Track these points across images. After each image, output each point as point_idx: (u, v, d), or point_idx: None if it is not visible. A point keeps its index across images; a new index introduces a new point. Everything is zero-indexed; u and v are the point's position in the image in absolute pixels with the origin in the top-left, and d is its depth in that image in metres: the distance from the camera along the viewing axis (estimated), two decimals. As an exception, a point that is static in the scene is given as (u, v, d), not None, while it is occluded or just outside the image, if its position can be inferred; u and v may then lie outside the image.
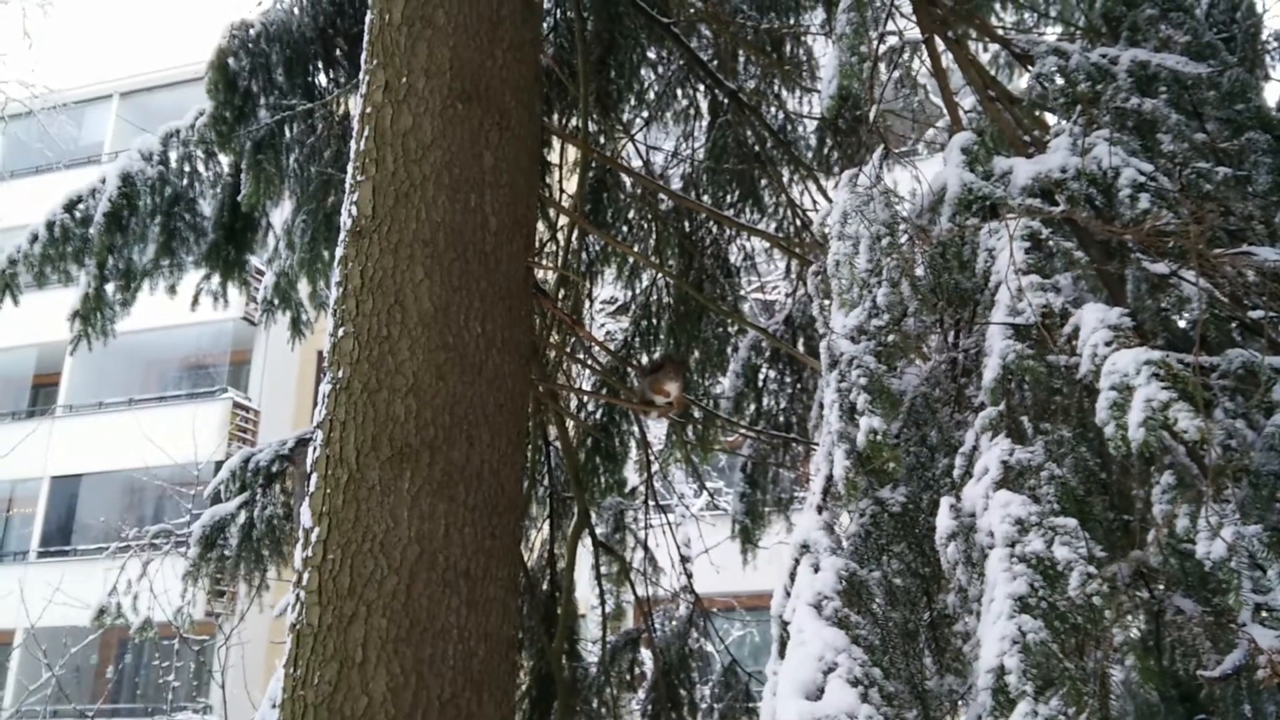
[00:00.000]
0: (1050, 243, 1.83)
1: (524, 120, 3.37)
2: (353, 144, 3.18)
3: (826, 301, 2.06)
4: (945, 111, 2.59)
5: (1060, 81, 2.53)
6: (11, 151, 21.96)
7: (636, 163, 5.82)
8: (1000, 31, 3.19)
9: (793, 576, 1.78)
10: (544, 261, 4.84)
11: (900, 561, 1.83)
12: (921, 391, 1.95)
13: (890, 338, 1.86)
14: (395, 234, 2.94)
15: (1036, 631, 1.42)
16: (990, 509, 1.57)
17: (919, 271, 1.91)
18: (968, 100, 2.98)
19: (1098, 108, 2.43)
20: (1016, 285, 1.74)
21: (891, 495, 1.89)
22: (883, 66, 2.51)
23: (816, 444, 4.92)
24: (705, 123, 5.82)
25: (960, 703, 1.76)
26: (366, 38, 3.31)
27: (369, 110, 3.14)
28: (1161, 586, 1.71)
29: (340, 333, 2.89)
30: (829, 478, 1.87)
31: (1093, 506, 1.64)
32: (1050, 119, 2.84)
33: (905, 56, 3.06)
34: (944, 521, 1.65)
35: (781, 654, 1.69)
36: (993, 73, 3.26)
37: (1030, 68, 2.73)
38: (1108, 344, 1.58)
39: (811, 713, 1.47)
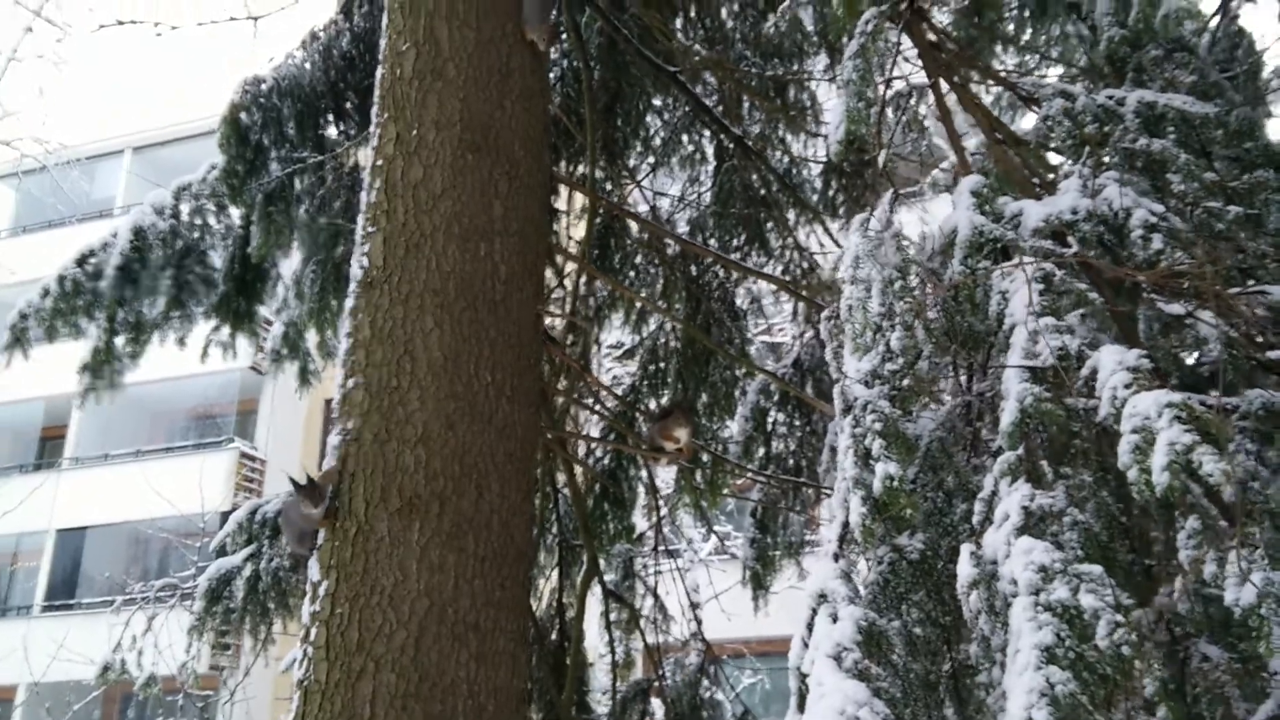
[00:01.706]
0: (1063, 284, 1.82)
1: (533, 169, 3.40)
2: (363, 196, 3.21)
3: (839, 346, 2.05)
4: (953, 154, 2.61)
5: (1067, 124, 2.54)
6: (25, 206, 22.24)
7: (643, 208, 5.86)
8: (1003, 75, 3.22)
9: (810, 627, 1.74)
10: (551, 309, 4.85)
11: (920, 610, 1.79)
12: (937, 436, 1.93)
13: (905, 381, 1.85)
14: (405, 284, 2.95)
15: (1065, 683, 1.38)
16: (1012, 556, 1.54)
17: (931, 315, 1.90)
18: (973, 143, 3.00)
19: (1106, 149, 2.43)
20: (1032, 327, 1.72)
21: (909, 542, 1.86)
22: (889, 111, 2.54)
23: (827, 488, 4.88)
24: (711, 168, 5.88)
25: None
26: (378, 92, 3.35)
27: (380, 162, 3.18)
28: (1187, 632, 1.67)
29: (350, 383, 2.89)
30: (845, 525, 1.84)
31: (1116, 552, 1.60)
32: (1056, 160, 2.85)
33: (911, 100, 3.08)
34: (965, 569, 1.62)
35: (800, 707, 1.64)
36: (995, 115, 3.28)
37: (1036, 109, 2.75)
38: (1127, 386, 1.56)
39: (835, 770, 1.43)
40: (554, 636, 4.63)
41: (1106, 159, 2.43)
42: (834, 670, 1.59)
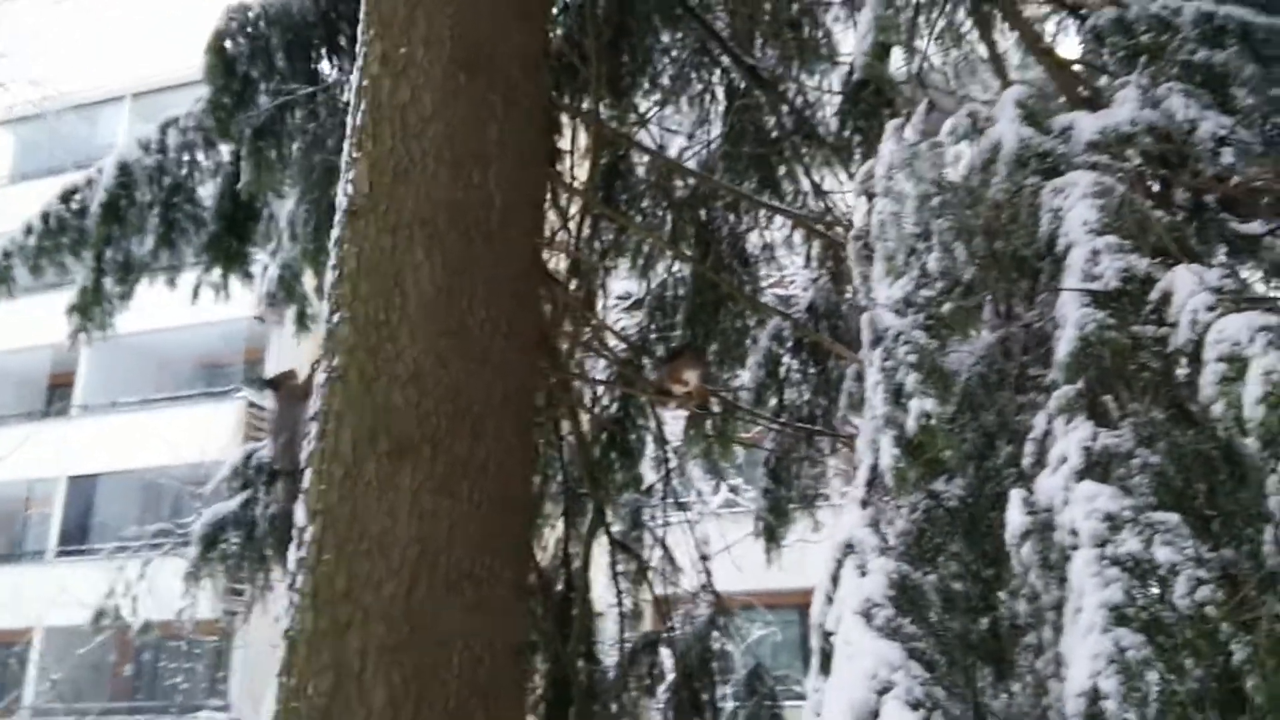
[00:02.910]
0: (1125, 200, 1.62)
1: (531, 93, 3.18)
2: (349, 119, 3.00)
3: (867, 270, 1.85)
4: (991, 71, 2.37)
5: (1118, 35, 2.31)
6: (24, 153, 21.96)
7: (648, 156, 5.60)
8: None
9: (835, 580, 1.57)
10: (555, 249, 4.64)
11: (958, 563, 1.61)
12: (977, 371, 1.73)
13: (946, 308, 1.65)
14: (393, 213, 2.75)
15: (1138, 647, 1.20)
16: (1072, 503, 1.36)
17: (973, 236, 1.70)
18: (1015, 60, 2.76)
19: (1162, 61, 2.20)
20: (1092, 247, 1.52)
21: (947, 488, 1.68)
22: (922, 19, 2.31)
23: (842, 436, 4.70)
24: (721, 108, 5.61)
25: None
26: (364, 8, 3.13)
27: (366, 83, 2.96)
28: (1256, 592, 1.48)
29: (335, 318, 2.71)
30: (874, 468, 1.66)
31: (1193, 499, 1.42)
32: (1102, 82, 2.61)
33: (948, 7, 2.83)
34: (1016, 518, 1.43)
35: (825, 669, 1.48)
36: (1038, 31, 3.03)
37: (1081, 22, 2.50)
38: (1210, 308, 1.36)
39: (865, 741, 1.27)
40: (560, 587, 4.51)
41: (1165, 70, 2.19)
42: (863, 628, 1.42)
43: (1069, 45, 2.88)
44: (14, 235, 4.80)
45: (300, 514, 2.59)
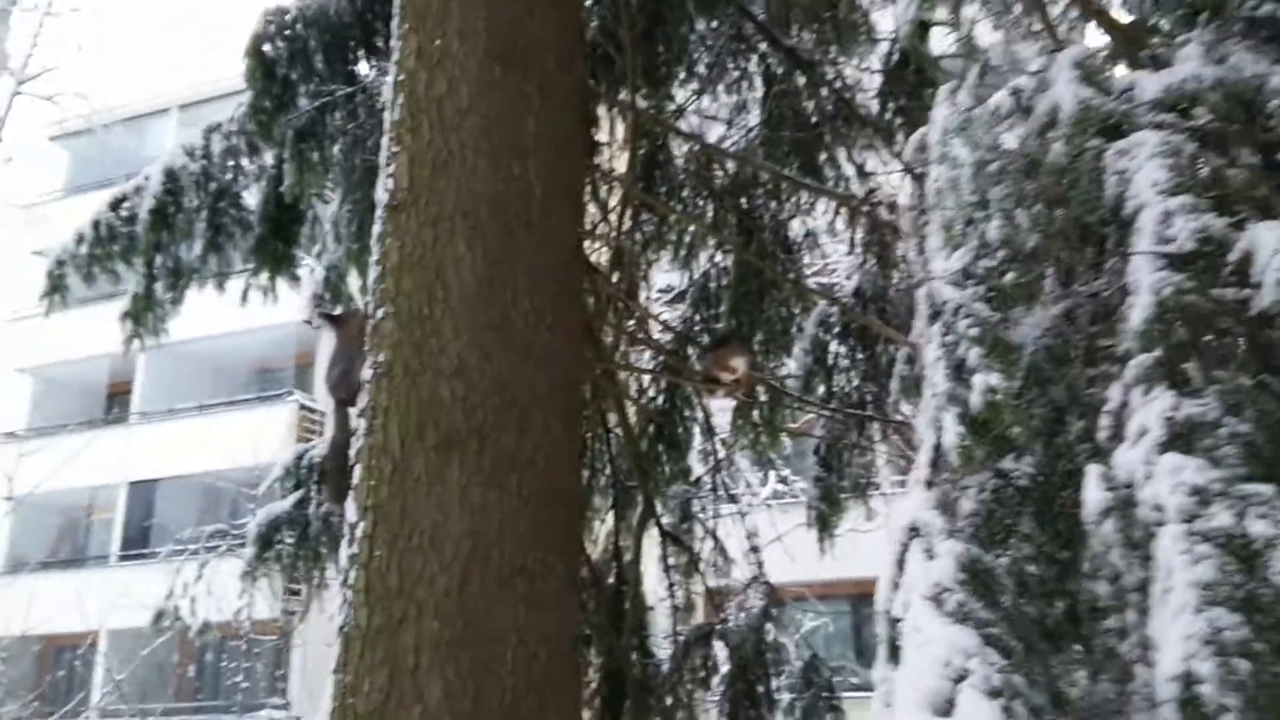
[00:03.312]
0: (1197, 159, 1.53)
1: (567, 83, 3.14)
2: (387, 115, 3.00)
3: (921, 244, 1.78)
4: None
5: (1176, -8, 2.20)
6: (77, 168, 22.53)
7: (687, 143, 5.55)
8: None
9: (900, 565, 1.51)
10: (596, 241, 4.61)
11: (1031, 545, 1.54)
12: (1043, 344, 1.65)
13: (1008, 278, 1.57)
14: (434, 206, 2.73)
15: (1234, 628, 1.13)
16: (1155, 477, 1.28)
17: (1034, 203, 1.62)
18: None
19: (1225, 16, 2.09)
20: (1162, 208, 1.44)
21: (1016, 466, 1.61)
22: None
23: (893, 422, 4.61)
24: (759, 94, 5.53)
25: (1119, 715, 1.47)
26: (397, 1, 3.11)
27: (402, 77, 2.95)
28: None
29: (380, 314, 2.70)
30: (937, 448, 1.59)
31: (1286, 470, 1.33)
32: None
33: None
34: (1094, 494, 1.36)
35: (893, 657, 1.42)
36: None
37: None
38: (1297, 266, 1.28)
39: (942, 732, 1.21)
40: (611, 580, 4.48)
41: (1228, 27, 2.09)
42: (933, 614, 1.36)
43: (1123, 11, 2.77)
44: (66, 244, 4.90)
45: (351, 510, 2.59)
